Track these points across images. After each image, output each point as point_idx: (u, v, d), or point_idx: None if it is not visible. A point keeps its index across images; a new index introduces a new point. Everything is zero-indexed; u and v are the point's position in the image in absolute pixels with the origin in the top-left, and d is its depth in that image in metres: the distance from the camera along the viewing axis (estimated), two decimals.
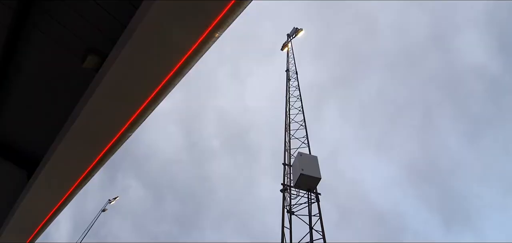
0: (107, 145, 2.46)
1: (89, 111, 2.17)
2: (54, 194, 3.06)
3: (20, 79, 2.71)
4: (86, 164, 2.63)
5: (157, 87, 2.07)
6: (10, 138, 3.19)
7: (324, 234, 10.32)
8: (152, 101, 2.15)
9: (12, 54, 2.51)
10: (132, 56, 1.91)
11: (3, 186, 3.70)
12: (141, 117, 2.29)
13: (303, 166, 13.18)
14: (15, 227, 3.78)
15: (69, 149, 2.47)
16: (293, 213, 12.31)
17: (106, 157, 2.70)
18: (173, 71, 2.03)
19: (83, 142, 2.42)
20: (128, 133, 2.59)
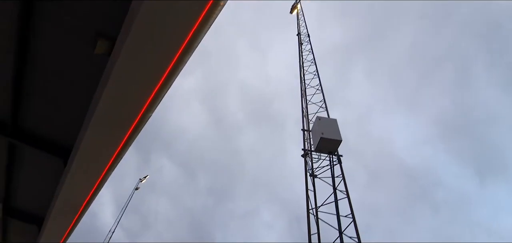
0: (130, 126, 2.52)
1: (108, 96, 2.21)
2: (89, 177, 3.27)
3: (38, 73, 2.79)
4: (114, 147, 2.74)
5: (171, 63, 2.03)
6: (42, 130, 3.37)
7: (348, 193, 10.42)
8: (168, 77, 2.13)
9: (25, 52, 2.57)
10: (140, 34, 1.87)
11: (44, 175, 4.02)
12: (159, 95, 2.29)
13: (323, 129, 13.07)
14: (59, 211, 4.15)
15: (96, 134, 2.57)
16: (316, 176, 12.46)
17: (131, 138, 2.79)
18: (183, 45, 1.97)
19: (107, 126, 2.50)
20: (148, 113, 2.63)
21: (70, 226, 4.80)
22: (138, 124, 2.56)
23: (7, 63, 2.58)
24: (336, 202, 10.36)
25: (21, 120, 3.25)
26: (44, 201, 4.35)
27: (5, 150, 3.61)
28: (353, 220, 9.30)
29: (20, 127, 3.29)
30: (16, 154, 3.78)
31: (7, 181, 4.28)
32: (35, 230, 5.27)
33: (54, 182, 3.63)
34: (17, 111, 3.14)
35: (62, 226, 4.75)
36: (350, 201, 10.06)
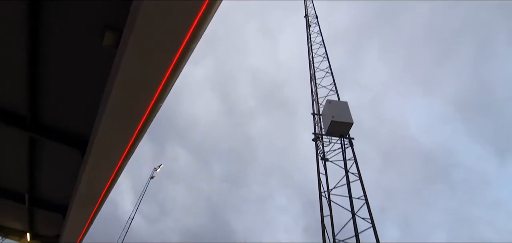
0: (142, 116, 2.56)
1: (119, 87, 2.24)
2: (106, 167, 3.38)
3: (50, 68, 2.86)
4: (128, 137, 2.81)
5: (178, 50, 2.03)
6: (60, 124, 3.49)
7: (360, 175, 10.37)
8: (176, 65, 2.14)
9: (37, 47, 2.63)
10: (146, 24, 1.86)
11: (64, 166, 4.21)
12: (168, 84, 2.31)
13: (333, 112, 12.90)
14: (81, 200, 4.35)
15: (110, 126, 2.63)
16: (328, 160, 12.43)
17: (144, 128, 2.84)
18: (190, 31, 1.95)
19: (120, 117, 2.55)
20: (159, 103, 2.66)
21: (92, 214, 5.05)
22: (149, 113, 2.60)
23: (21, 59, 2.66)
24: (348, 184, 10.35)
25: (39, 115, 3.37)
26: (66, 191, 4.56)
27: (26, 144, 3.78)
28: (365, 201, 9.29)
29: (39, 121, 3.42)
30: (37, 147, 3.95)
31: (30, 173, 4.51)
32: (60, 218, 5.57)
33: (74, 173, 3.79)
34: (35, 107, 3.26)
35: (84, 214, 5.00)
36: (363, 183, 10.02)
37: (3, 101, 3.26)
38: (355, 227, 8.80)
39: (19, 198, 5.27)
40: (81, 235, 6.33)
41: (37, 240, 7.62)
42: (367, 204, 9.14)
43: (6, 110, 3.33)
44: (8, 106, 3.30)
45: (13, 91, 3.09)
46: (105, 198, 4.48)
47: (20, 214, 6.08)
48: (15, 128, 3.35)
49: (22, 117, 3.34)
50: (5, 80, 3.00)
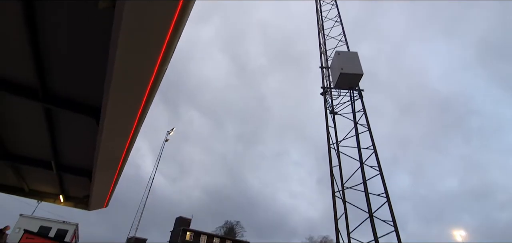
0: (149, 80, 2.58)
1: (122, 52, 2.22)
2: (121, 132, 3.53)
3: (52, 41, 2.84)
4: (138, 101, 2.87)
5: (177, 7, 1.95)
6: (71, 93, 3.58)
7: (369, 126, 10.39)
8: (177, 24, 2.08)
9: (35, 23, 2.59)
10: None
11: (81, 134, 4.42)
12: (171, 44, 2.27)
13: (343, 64, 12.47)
14: (103, 164, 4.63)
15: (119, 92, 2.68)
16: (336, 113, 12.40)
17: (153, 91, 2.88)
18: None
19: (127, 82, 2.58)
20: (164, 66, 2.65)
21: (115, 176, 5.41)
22: (156, 76, 2.61)
23: (18, 27, 2.64)
24: (357, 135, 10.44)
25: (49, 85, 3.45)
26: (88, 157, 4.85)
27: (42, 115, 3.94)
28: (374, 151, 9.44)
29: (49, 91, 3.52)
30: (53, 117, 4.12)
31: (52, 142, 4.78)
32: (87, 181, 6.03)
33: (92, 139, 3.98)
34: (43, 77, 3.33)
35: (108, 176, 5.37)
36: (371, 133, 10.08)
37: (11, 73, 3.33)
38: (363, 175, 9.09)
39: (47, 165, 5.68)
40: (108, 195, 6.88)
41: (69, 201, 8.39)
42: (375, 153, 9.29)
43: (16, 82, 3.42)
44: (17, 78, 3.38)
45: (17, 61, 3.13)
46: (125, 161, 4.75)
47: (51, 179, 6.61)
48: (28, 99, 3.47)
49: (33, 89, 3.43)
50: (6, 50, 3.03)
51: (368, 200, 8.66)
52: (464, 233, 54.50)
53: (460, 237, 56.29)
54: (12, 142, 5.23)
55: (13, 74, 3.34)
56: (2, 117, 4.41)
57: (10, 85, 3.42)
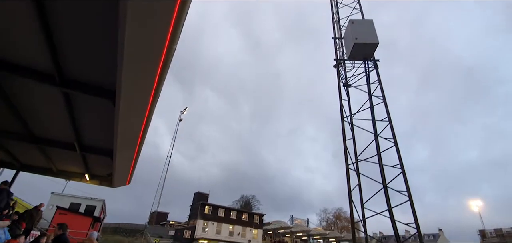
0: (159, 59, 2.60)
1: (131, 34, 2.24)
2: (137, 112, 3.63)
3: (63, 28, 2.89)
4: (150, 82, 2.91)
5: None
6: (86, 77, 3.68)
7: (384, 98, 10.08)
8: (183, 1, 2.04)
9: (45, 12, 2.62)
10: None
11: (101, 116, 4.59)
12: (178, 23, 2.25)
13: (357, 34, 11.89)
14: (122, 144, 4.83)
15: (131, 72, 2.73)
16: (350, 86, 12.07)
17: (164, 71, 2.91)
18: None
19: (139, 63, 2.62)
20: (173, 45, 2.65)
21: (134, 155, 5.66)
22: (166, 55, 2.62)
23: (31, 15, 2.70)
24: (372, 107, 10.19)
25: (64, 70, 3.56)
26: (108, 137, 5.07)
27: (61, 99, 4.11)
28: (389, 122, 9.23)
29: (65, 76, 3.64)
30: (71, 101, 4.29)
31: (73, 125, 5.02)
32: (109, 160, 6.36)
33: (111, 120, 4.13)
34: (58, 63, 3.43)
35: (128, 155, 5.63)
36: (387, 105, 9.79)
37: (27, 60, 3.46)
38: (377, 147, 8.98)
39: (71, 147, 6.01)
40: (130, 172, 7.26)
41: (94, 179, 8.95)
42: (391, 124, 9.09)
43: (33, 69, 3.56)
44: (34, 64, 3.51)
45: (32, 48, 3.22)
46: (143, 140, 4.93)
47: (76, 159, 7.02)
48: (46, 84, 3.62)
49: (50, 75, 3.56)
50: (21, 38, 3.12)
51: (382, 172, 8.62)
52: (481, 203, 53.39)
53: (477, 207, 55.77)
54: (37, 126, 5.54)
55: (29, 61, 3.47)
56: (26, 103, 4.64)
57: (28, 71, 3.56)
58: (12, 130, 5.70)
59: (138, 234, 34.88)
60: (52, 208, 15.67)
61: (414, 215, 7.30)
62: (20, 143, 6.21)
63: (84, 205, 20.18)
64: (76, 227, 11.23)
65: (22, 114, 4.99)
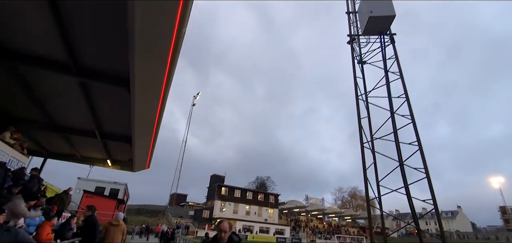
0: (170, 44, 2.61)
1: (140, 21, 2.25)
2: (151, 98, 3.71)
3: (74, 18, 2.94)
4: (162, 67, 2.95)
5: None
6: (101, 66, 3.78)
7: (401, 73, 9.67)
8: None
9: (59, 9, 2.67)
10: None
11: (117, 103, 4.74)
12: (186, 7, 2.24)
13: (372, 6, 11.27)
14: (140, 130, 4.99)
15: (143, 59, 2.76)
16: (365, 63, 11.63)
17: (175, 55, 2.92)
18: None
19: (150, 49, 2.64)
20: (182, 28, 2.64)
21: (152, 140, 5.86)
22: (176, 39, 2.62)
23: (43, 5, 2.76)
24: (388, 84, 9.82)
25: (79, 60, 3.67)
26: (126, 123, 5.24)
27: (79, 88, 4.26)
28: (406, 99, 8.90)
29: (80, 66, 3.75)
30: (88, 90, 4.44)
31: (92, 113, 5.22)
32: (128, 146, 6.64)
33: (127, 107, 4.25)
34: (73, 53, 3.52)
35: (146, 141, 5.83)
36: (404, 81, 9.40)
37: (43, 51, 3.58)
38: (393, 124, 8.73)
39: (92, 134, 6.30)
40: (149, 157, 7.55)
41: (116, 164, 9.41)
42: (408, 101, 8.76)
43: (50, 59, 3.68)
44: (49, 55, 3.63)
45: (47, 39, 3.31)
46: (159, 124, 5.07)
47: (98, 146, 7.37)
48: (63, 74, 3.75)
49: (66, 64, 3.67)
50: (35, 29, 3.21)
51: (398, 149, 8.44)
52: (503, 179, 51.36)
53: (498, 184, 53.83)
54: (59, 116, 5.82)
55: (45, 51, 3.59)
56: (48, 94, 4.86)
57: (45, 61, 3.70)
58: (37, 120, 6.02)
59: (160, 215, 36.80)
60: (79, 192, 16.75)
61: (431, 191, 7.16)
62: (45, 132, 6.58)
63: (108, 188, 21.41)
64: (102, 209, 12.01)
65: (45, 105, 5.25)
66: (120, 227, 4.23)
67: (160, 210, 39.45)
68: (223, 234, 1.99)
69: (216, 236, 2.03)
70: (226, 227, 2.02)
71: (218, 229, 2.03)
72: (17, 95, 4.81)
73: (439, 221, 6.98)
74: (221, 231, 2.00)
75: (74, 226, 4.86)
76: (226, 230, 2.01)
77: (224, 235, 1.99)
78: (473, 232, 50.59)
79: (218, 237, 2.01)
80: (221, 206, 35.97)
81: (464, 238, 46.35)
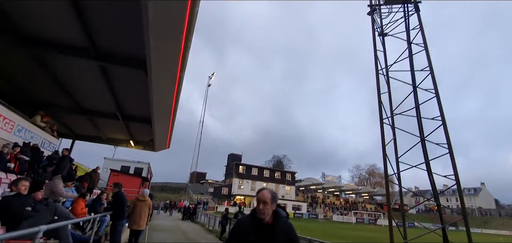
0: (183, 24, 2.61)
1: (153, 2, 2.25)
2: (168, 79, 3.78)
3: (94, 7, 2.99)
4: (177, 46, 2.97)
5: None
6: (119, 50, 3.87)
7: (426, 44, 9.05)
8: None
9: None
10: None
11: (136, 85, 4.88)
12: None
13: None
14: (158, 111, 5.15)
15: (158, 39, 2.79)
16: (387, 35, 10.97)
17: (189, 35, 2.93)
18: None
19: (164, 30, 2.66)
20: (195, 8, 2.62)
21: (171, 121, 6.05)
22: (190, 19, 2.61)
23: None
24: (411, 56, 9.26)
25: (98, 45, 3.78)
26: (145, 105, 5.42)
27: (99, 72, 4.42)
28: (430, 72, 8.39)
29: (99, 51, 3.86)
30: (108, 74, 4.59)
31: (113, 95, 5.44)
32: (149, 127, 6.91)
33: (145, 89, 4.38)
34: (91, 38, 3.63)
35: (165, 121, 6.03)
36: (428, 52, 8.81)
37: (63, 36, 3.71)
38: (415, 99, 8.32)
39: (114, 116, 6.60)
40: (168, 137, 7.84)
41: (138, 145, 9.88)
42: (432, 74, 8.24)
43: (70, 44, 3.83)
44: (69, 40, 3.76)
45: (66, 24, 3.42)
46: (176, 105, 5.19)
47: (120, 127, 7.74)
48: (83, 59, 3.90)
49: (85, 48, 3.80)
50: (55, 15, 3.31)
51: (420, 124, 8.10)
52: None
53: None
54: (83, 100, 6.12)
55: (65, 37, 3.72)
56: (70, 79, 5.09)
57: (65, 47, 3.85)
58: (63, 104, 6.38)
59: (181, 191, 38.73)
60: (106, 170, 17.90)
61: (453, 166, 6.89)
62: (71, 115, 6.97)
63: (132, 167, 22.68)
64: (128, 186, 12.84)
65: (69, 90, 5.52)
66: (146, 202, 4.51)
67: (182, 187, 41.45)
68: (262, 206, 1.36)
69: (256, 209, 1.40)
70: (267, 197, 1.38)
71: (257, 200, 1.40)
72: (43, 81, 5.09)
73: (460, 196, 6.76)
74: (261, 202, 1.37)
75: (105, 201, 5.25)
76: (268, 201, 1.37)
77: (264, 208, 1.36)
78: (496, 209, 48.75)
79: (258, 211, 1.37)
80: (239, 183, 37.08)
81: (487, 215, 44.88)
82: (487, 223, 40.16)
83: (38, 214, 2.40)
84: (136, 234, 4.40)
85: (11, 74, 5.02)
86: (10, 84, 5.30)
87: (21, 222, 2.23)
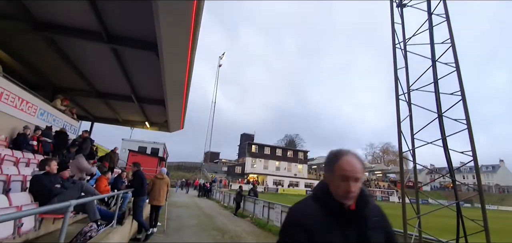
0: (192, 5, 2.59)
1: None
2: (179, 60, 3.82)
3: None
4: (187, 27, 2.97)
5: None
6: (129, 32, 3.91)
7: (448, 15, 8.47)
8: None
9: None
10: None
11: (148, 68, 4.96)
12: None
13: None
14: (171, 92, 5.24)
15: (168, 21, 2.80)
16: (405, 5, 10.34)
17: (198, 16, 2.91)
18: None
19: (173, 11, 2.65)
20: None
21: (183, 102, 6.16)
22: (198, 1, 2.59)
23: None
24: (431, 27, 8.74)
25: (109, 27, 3.83)
26: (158, 86, 5.53)
27: (112, 55, 4.50)
28: (451, 44, 7.92)
29: (111, 34, 3.92)
30: (120, 56, 4.67)
31: (126, 77, 5.55)
32: (163, 108, 7.08)
33: (158, 70, 4.44)
34: (102, 21, 3.67)
35: (178, 102, 6.15)
36: (450, 23, 8.24)
37: (76, 21, 3.78)
38: (434, 73, 7.93)
39: (129, 99, 6.79)
40: (182, 117, 8.02)
41: (154, 126, 10.19)
42: (453, 46, 7.77)
43: (82, 28, 3.90)
44: (82, 24, 3.83)
45: (78, 9, 3.47)
46: (189, 86, 5.26)
47: (136, 110, 7.98)
48: (96, 42, 3.98)
49: (97, 32, 3.86)
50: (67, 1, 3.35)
51: (438, 99, 7.78)
52: None
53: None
54: (98, 83, 6.31)
55: (77, 21, 3.79)
56: (86, 64, 5.24)
57: (78, 31, 3.93)
58: (80, 88, 6.61)
59: (196, 170, 40.05)
60: (125, 151, 18.68)
61: (471, 142, 6.64)
62: (89, 99, 7.23)
63: (149, 148, 23.53)
64: (146, 165, 13.41)
65: (85, 73, 5.69)
66: (165, 180, 4.74)
67: (196, 167, 42.79)
68: (354, 187, 0.73)
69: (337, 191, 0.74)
70: (360, 170, 0.76)
71: (341, 175, 0.74)
72: (60, 66, 5.27)
73: (477, 172, 6.55)
74: (351, 180, 0.73)
75: (125, 179, 5.55)
76: (360, 176, 0.75)
77: (356, 189, 0.74)
78: None
79: (343, 194, 0.73)
80: (252, 162, 37.77)
81: (504, 192, 43.62)
82: (504, 200, 39.20)
83: (66, 191, 2.59)
84: (156, 209, 4.69)
85: (30, 61, 5.22)
86: (30, 69, 5.53)
87: (52, 198, 2.43)
